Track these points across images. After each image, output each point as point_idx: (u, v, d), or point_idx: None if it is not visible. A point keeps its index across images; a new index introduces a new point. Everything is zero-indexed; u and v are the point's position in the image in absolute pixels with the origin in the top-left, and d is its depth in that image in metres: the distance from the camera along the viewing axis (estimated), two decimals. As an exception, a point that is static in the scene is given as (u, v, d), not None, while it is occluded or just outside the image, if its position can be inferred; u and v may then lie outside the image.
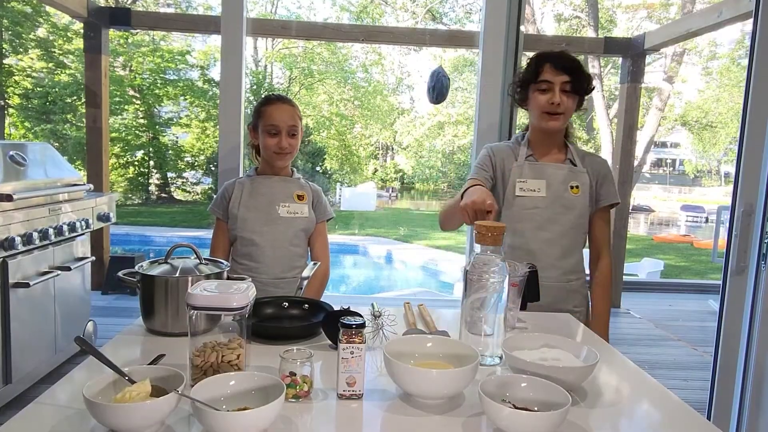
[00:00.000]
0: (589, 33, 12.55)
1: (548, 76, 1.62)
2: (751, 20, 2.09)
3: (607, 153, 9.77)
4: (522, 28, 2.37)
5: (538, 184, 1.69)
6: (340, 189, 15.10)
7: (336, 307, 1.33)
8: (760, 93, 2.08)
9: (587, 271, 1.81)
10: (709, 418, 2.25)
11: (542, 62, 1.64)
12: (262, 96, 1.90)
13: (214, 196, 1.92)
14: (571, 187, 1.69)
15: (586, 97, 1.71)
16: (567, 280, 1.70)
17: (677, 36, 5.07)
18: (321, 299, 1.60)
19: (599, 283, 1.76)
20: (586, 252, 1.79)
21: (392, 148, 17.94)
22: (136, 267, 1.31)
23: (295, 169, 1.93)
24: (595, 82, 1.84)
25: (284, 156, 1.82)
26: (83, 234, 3.22)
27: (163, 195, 13.76)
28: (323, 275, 1.89)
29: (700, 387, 3.53)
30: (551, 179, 1.69)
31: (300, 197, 1.85)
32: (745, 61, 2.12)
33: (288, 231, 1.82)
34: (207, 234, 1.91)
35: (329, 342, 1.25)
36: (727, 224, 2.22)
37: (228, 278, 1.36)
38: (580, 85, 1.64)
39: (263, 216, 1.81)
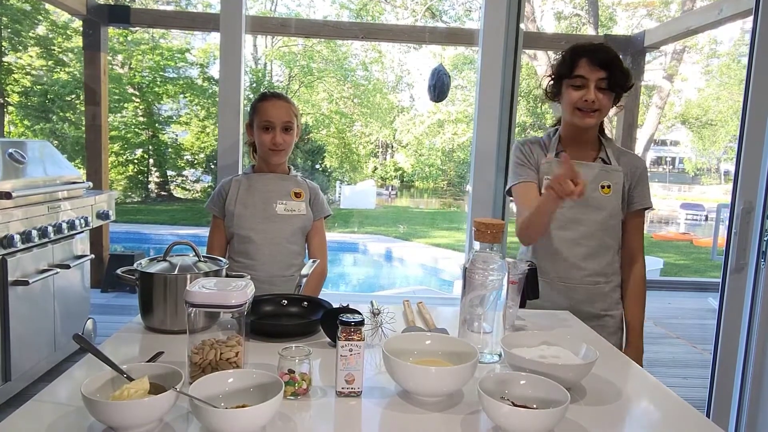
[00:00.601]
0: (589, 31, 12.54)
1: (583, 72, 1.52)
2: (752, 18, 2.09)
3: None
4: (522, 25, 2.37)
5: None
6: (340, 187, 15.08)
7: (335, 305, 1.33)
8: (760, 91, 2.08)
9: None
10: (708, 415, 2.26)
11: (578, 56, 1.53)
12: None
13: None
14: (602, 187, 1.60)
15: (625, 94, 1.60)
16: (593, 282, 1.63)
17: (677, 34, 5.06)
18: (319, 297, 1.60)
19: (631, 290, 1.68)
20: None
21: (392, 146, 17.91)
22: (135, 265, 1.31)
23: (292, 167, 1.93)
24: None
25: (279, 152, 1.81)
26: (82, 232, 3.22)
27: (163, 193, 13.73)
28: (321, 273, 1.88)
29: (699, 385, 3.53)
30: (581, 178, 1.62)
31: (297, 195, 1.85)
32: (745, 59, 2.12)
33: (285, 229, 1.81)
34: (206, 232, 1.91)
35: (328, 339, 1.25)
36: (727, 222, 2.22)
37: (227, 276, 1.36)
38: (618, 81, 1.53)
39: (260, 213, 1.80)
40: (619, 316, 1.69)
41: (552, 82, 1.63)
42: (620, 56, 1.56)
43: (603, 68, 1.51)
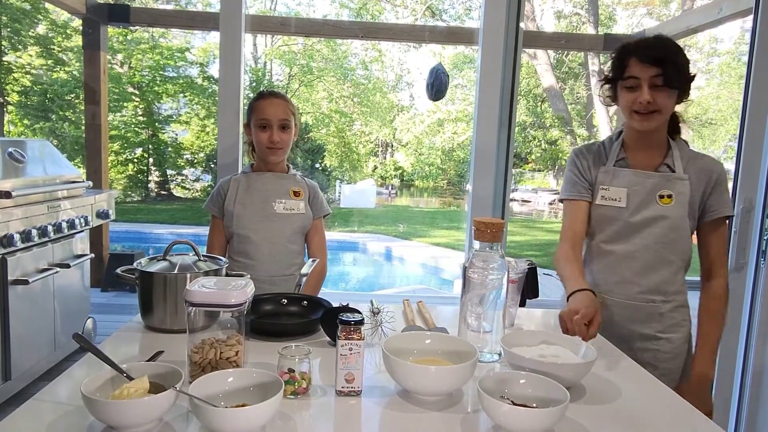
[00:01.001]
0: (589, 30, 12.55)
1: (635, 71, 1.39)
2: (752, 17, 2.09)
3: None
4: (521, 25, 2.37)
5: (620, 193, 1.49)
6: (340, 186, 15.08)
7: (335, 304, 1.33)
8: (760, 90, 2.08)
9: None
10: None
11: (627, 55, 1.42)
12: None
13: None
14: (660, 197, 1.46)
15: (691, 85, 1.44)
16: (647, 300, 1.47)
17: (677, 32, 5.05)
18: (318, 296, 1.60)
19: (706, 309, 1.50)
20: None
21: (392, 146, 17.91)
22: (135, 264, 1.31)
23: (290, 166, 1.93)
24: (594, 80, 1.68)
25: (276, 150, 1.81)
26: (82, 231, 3.22)
27: (163, 192, 13.73)
28: (320, 272, 1.88)
29: (699, 384, 3.52)
30: (636, 187, 1.48)
31: (296, 193, 1.85)
32: (745, 58, 2.12)
33: (285, 228, 1.81)
34: (206, 231, 1.90)
35: (328, 339, 1.25)
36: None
37: (227, 275, 1.36)
38: (674, 76, 1.38)
39: (259, 213, 1.80)
40: (679, 340, 1.50)
41: (608, 85, 1.52)
42: (678, 47, 1.42)
43: (655, 65, 1.37)
